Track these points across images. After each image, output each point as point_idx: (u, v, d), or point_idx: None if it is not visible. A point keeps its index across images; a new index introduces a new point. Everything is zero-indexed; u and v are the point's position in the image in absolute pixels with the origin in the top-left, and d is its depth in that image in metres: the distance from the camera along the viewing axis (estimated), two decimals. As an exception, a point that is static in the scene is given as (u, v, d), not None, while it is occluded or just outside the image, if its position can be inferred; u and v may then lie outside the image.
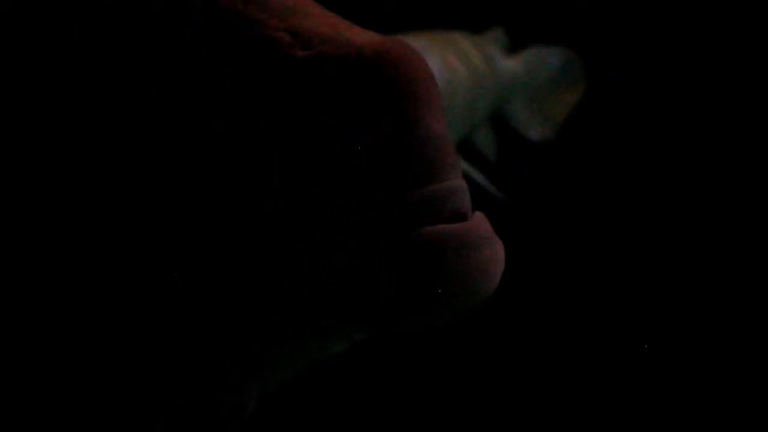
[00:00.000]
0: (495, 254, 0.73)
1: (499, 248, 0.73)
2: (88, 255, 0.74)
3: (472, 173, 1.70)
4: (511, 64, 1.80)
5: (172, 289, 0.73)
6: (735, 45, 1.82)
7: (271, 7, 0.74)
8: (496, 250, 0.73)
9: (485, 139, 1.84)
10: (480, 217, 0.74)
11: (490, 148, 1.84)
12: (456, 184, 0.73)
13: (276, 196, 0.72)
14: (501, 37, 1.81)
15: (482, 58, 1.71)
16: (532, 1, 1.91)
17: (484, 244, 0.72)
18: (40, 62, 0.75)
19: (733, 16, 1.81)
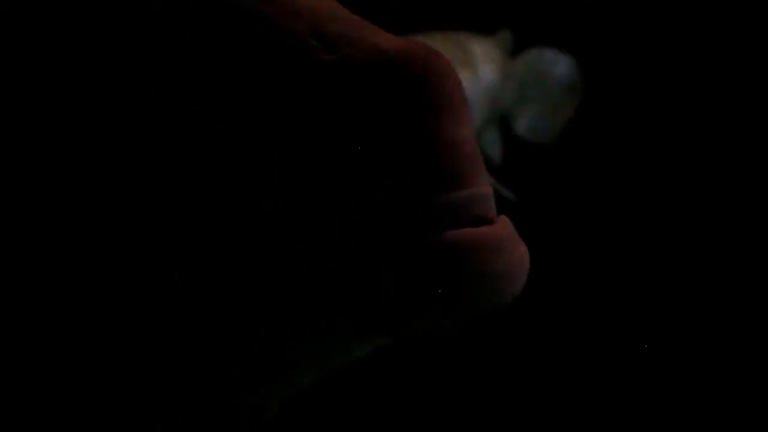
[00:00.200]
0: (520, 257, 0.73)
1: (523, 251, 0.73)
2: (87, 255, 0.74)
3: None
4: (516, 67, 1.80)
5: (172, 288, 0.73)
6: (737, 47, 1.82)
7: (295, 10, 0.74)
8: (520, 253, 0.73)
9: (491, 141, 1.84)
10: (504, 220, 0.74)
11: (496, 150, 1.84)
12: (482, 190, 0.73)
13: (276, 196, 0.72)
14: (507, 39, 1.81)
15: (489, 60, 1.71)
16: (538, 0, 1.91)
17: (509, 247, 0.72)
18: (40, 62, 0.75)
19: (735, 19, 1.81)
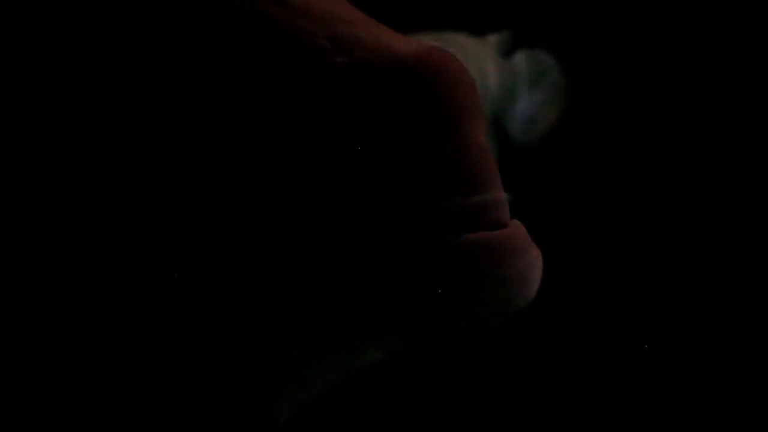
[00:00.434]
0: (533, 261, 0.73)
1: (537, 256, 0.73)
2: (88, 255, 0.74)
3: None
4: (509, 68, 1.80)
5: (172, 288, 0.73)
6: (737, 48, 1.82)
7: (310, 13, 0.74)
8: (534, 258, 0.73)
9: (488, 143, 1.83)
10: (518, 225, 0.74)
11: (492, 150, 1.84)
12: (497, 195, 0.73)
13: (276, 196, 0.72)
14: (503, 40, 1.81)
15: (489, 61, 1.71)
16: (538, 0, 1.91)
17: (523, 251, 0.72)
18: (40, 62, 0.75)
19: (735, 19, 1.81)
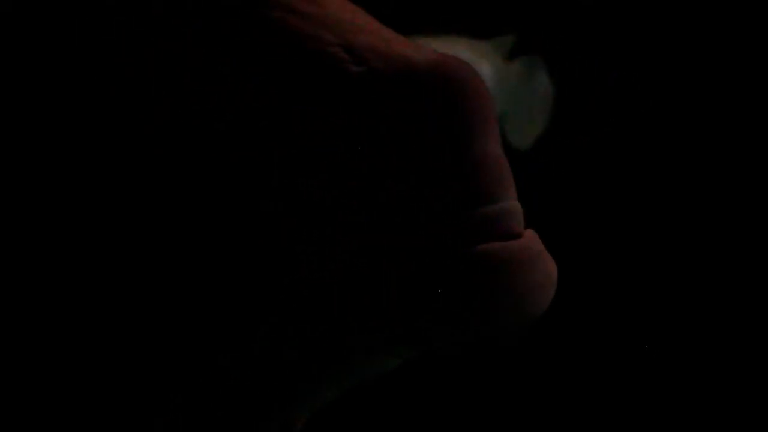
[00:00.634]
0: (548, 272, 0.72)
1: (552, 266, 0.73)
2: (87, 255, 0.74)
3: None
4: (510, 72, 1.80)
5: (171, 288, 0.73)
6: (737, 48, 1.82)
7: (325, 22, 0.74)
8: (549, 268, 0.73)
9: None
10: (532, 235, 0.74)
11: None
12: (511, 205, 0.72)
13: (276, 196, 0.72)
14: (505, 44, 1.81)
15: (486, 65, 1.71)
16: (538, 0, 1.91)
17: (537, 262, 0.72)
18: (40, 62, 0.75)
19: (735, 19, 1.81)
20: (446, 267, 0.70)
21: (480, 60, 1.70)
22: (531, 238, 0.73)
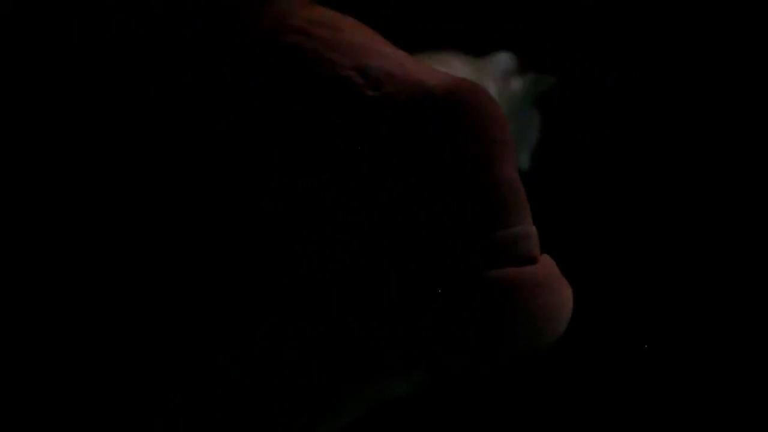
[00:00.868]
0: (563, 298, 0.72)
1: (567, 292, 0.73)
2: (88, 255, 0.74)
3: None
4: (511, 89, 1.79)
5: (172, 287, 0.73)
6: (737, 48, 1.82)
7: (341, 46, 0.74)
8: (565, 294, 0.73)
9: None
10: (548, 260, 0.73)
11: None
12: (526, 229, 0.72)
13: (276, 196, 0.72)
14: (505, 63, 1.79)
15: (487, 83, 1.70)
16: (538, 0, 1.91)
17: (554, 287, 0.72)
18: (41, 62, 0.75)
19: (735, 19, 1.81)
20: (461, 291, 0.69)
21: (481, 79, 1.70)
22: (547, 264, 0.73)
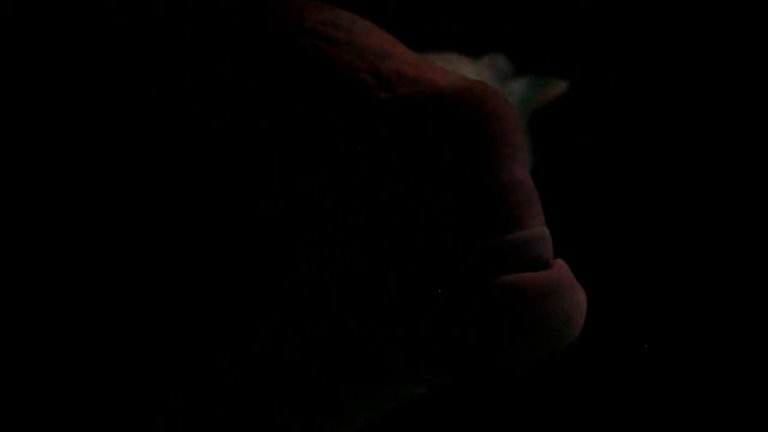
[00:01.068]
0: (578, 302, 0.72)
1: (581, 297, 0.72)
2: (88, 255, 0.74)
3: None
4: (509, 90, 1.79)
5: (172, 287, 0.73)
6: (737, 48, 1.82)
7: (354, 48, 0.74)
8: (578, 299, 0.72)
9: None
10: (562, 264, 0.73)
11: None
12: (539, 231, 0.72)
13: (276, 196, 0.72)
14: (501, 65, 1.79)
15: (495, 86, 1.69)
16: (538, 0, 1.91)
17: (568, 292, 0.71)
18: (41, 62, 0.75)
19: (735, 19, 1.81)
20: (461, 291, 0.69)
21: (484, 80, 1.69)
22: (561, 268, 0.72)
